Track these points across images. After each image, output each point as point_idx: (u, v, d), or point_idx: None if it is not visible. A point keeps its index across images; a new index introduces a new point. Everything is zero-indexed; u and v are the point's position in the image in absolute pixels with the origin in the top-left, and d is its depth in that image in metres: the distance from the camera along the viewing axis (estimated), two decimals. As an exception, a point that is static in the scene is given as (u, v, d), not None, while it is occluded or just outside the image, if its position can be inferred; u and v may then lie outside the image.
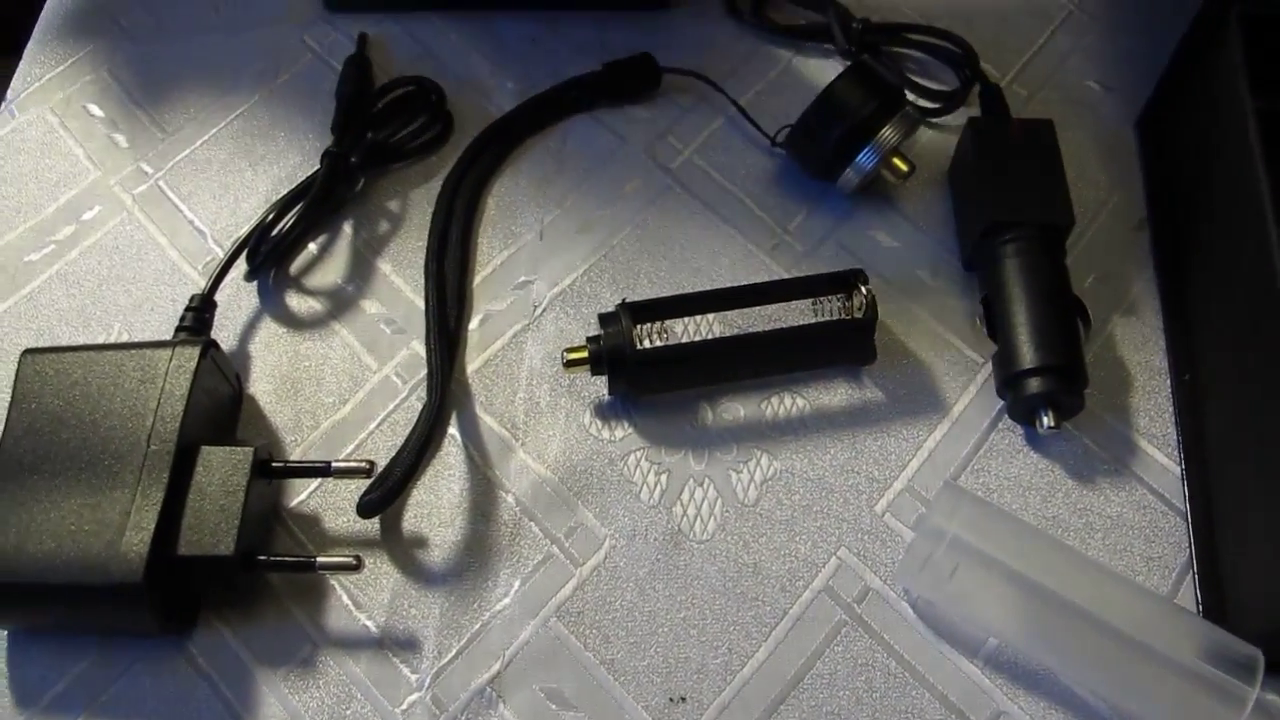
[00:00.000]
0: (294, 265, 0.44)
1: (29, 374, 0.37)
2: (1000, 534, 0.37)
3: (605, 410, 0.41)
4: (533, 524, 0.39)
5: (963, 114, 0.47)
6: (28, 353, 0.38)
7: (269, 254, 0.43)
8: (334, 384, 0.42)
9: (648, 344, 0.39)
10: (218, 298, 0.42)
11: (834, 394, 0.42)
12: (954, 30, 0.49)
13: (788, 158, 0.46)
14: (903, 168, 0.43)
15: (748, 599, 0.38)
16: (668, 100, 0.48)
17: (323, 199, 0.43)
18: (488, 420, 0.41)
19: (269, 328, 0.43)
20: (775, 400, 0.41)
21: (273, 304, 0.43)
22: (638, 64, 0.47)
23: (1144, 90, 0.47)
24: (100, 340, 0.43)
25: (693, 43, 0.49)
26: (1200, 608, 0.38)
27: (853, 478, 0.40)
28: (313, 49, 0.50)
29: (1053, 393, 0.39)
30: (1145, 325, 0.43)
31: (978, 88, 0.47)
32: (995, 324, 0.41)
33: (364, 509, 0.38)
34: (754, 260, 0.44)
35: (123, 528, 0.34)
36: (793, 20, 0.50)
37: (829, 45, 0.49)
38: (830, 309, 0.41)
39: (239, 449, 0.37)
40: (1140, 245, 0.45)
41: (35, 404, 0.37)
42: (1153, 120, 0.47)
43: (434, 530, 0.39)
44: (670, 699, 0.37)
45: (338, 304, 0.43)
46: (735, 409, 0.41)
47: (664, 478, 0.40)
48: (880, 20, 0.49)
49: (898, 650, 0.37)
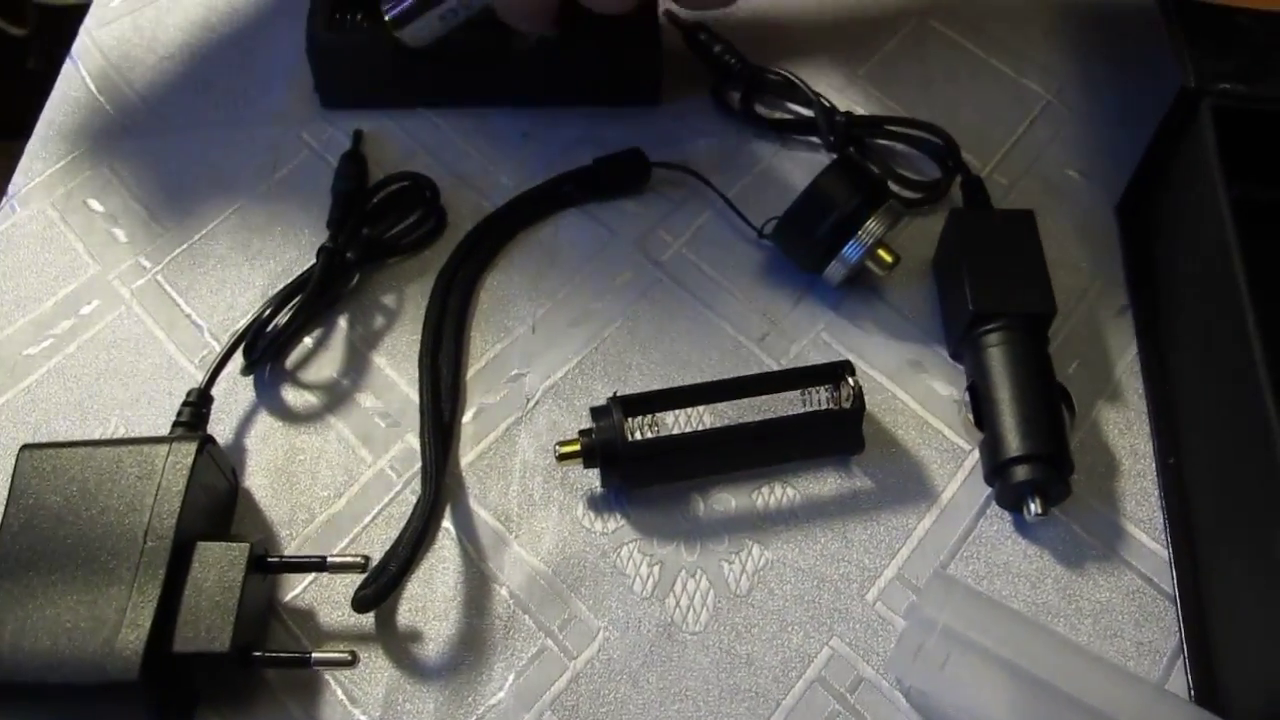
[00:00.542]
0: (290, 359, 0.45)
1: (27, 469, 0.38)
2: (991, 623, 0.37)
3: (598, 502, 0.41)
4: (527, 617, 0.39)
5: (947, 203, 0.49)
6: (26, 448, 0.38)
7: (265, 349, 0.43)
8: (329, 477, 0.42)
9: (639, 437, 0.40)
10: (214, 392, 0.42)
11: (824, 484, 0.42)
12: (935, 121, 0.50)
13: (776, 250, 0.47)
14: (888, 259, 0.44)
15: (741, 691, 0.38)
16: (657, 194, 0.49)
17: (319, 294, 0.44)
18: (482, 513, 0.41)
19: (265, 421, 0.44)
20: (766, 490, 0.42)
21: (269, 398, 0.44)
22: (628, 159, 0.48)
23: (1122, 178, 0.48)
24: (98, 434, 0.43)
25: (682, 137, 0.51)
26: (1192, 693, 0.38)
27: (844, 567, 0.40)
28: (310, 145, 0.51)
29: (1039, 480, 0.40)
30: (1130, 410, 0.44)
31: (959, 178, 0.48)
32: (981, 413, 0.41)
33: (359, 604, 0.38)
34: (743, 351, 0.45)
35: (119, 625, 0.35)
36: (779, 114, 0.51)
37: (815, 139, 0.50)
38: (818, 400, 0.41)
39: (235, 544, 0.37)
40: (1123, 330, 0.46)
41: (33, 500, 0.37)
42: (1132, 207, 0.48)
43: (429, 624, 0.39)
44: (665, 793, 0.37)
45: (333, 397, 0.44)
46: (727, 500, 0.42)
47: (656, 569, 0.40)
48: (863, 114, 0.51)
49: (891, 741, 0.37)
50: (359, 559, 0.38)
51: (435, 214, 0.48)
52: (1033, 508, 0.40)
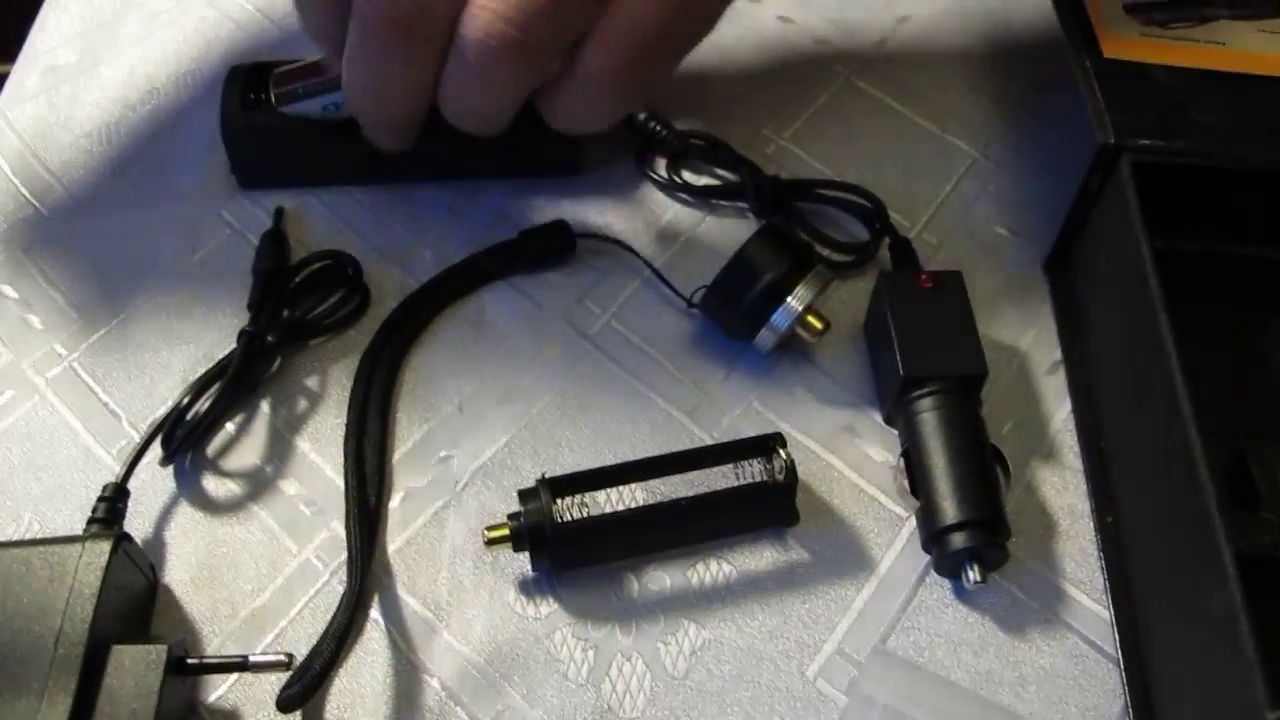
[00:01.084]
0: (211, 447, 0.43)
1: (-70, 575, 0.36)
2: (933, 699, 0.37)
3: (530, 586, 0.40)
4: (459, 709, 0.38)
5: (876, 265, 0.48)
6: (-71, 552, 0.37)
7: (185, 438, 0.42)
8: (253, 570, 0.41)
9: (569, 518, 0.39)
10: (133, 483, 0.41)
11: (760, 558, 0.41)
12: (862, 180, 0.50)
13: (705, 318, 0.46)
14: (817, 325, 0.44)
15: (681, 777, 0.37)
16: (584, 265, 0.49)
17: (239, 380, 0.43)
18: (411, 602, 0.40)
19: (186, 513, 0.42)
20: (701, 567, 0.41)
21: (189, 488, 0.43)
22: (553, 231, 0.48)
23: (1051, 234, 0.48)
24: (10, 531, 0.42)
25: (607, 206, 0.50)
26: (1139, 758, 0.38)
27: (783, 643, 0.40)
28: (230, 224, 0.50)
29: (976, 546, 0.39)
30: (1066, 468, 0.44)
31: (887, 240, 0.48)
32: (916, 479, 0.41)
33: (284, 704, 0.37)
34: (674, 424, 0.44)
35: (29, 739, 0.33)
36: (706, 180, 0.51)
37: (742, 204, 0.50)
38: (752, 473, 0.41)
39: (152, 647, 0.36)
40: (1056, 388, 0.46)
41: (-64, 608, 0.36)
42: (1059, 263, 0.49)
43: (357, 721, 0.38)
44: None
45: (256, 485, 0.43)
46: (661, 578, 0.41)
47: (591, 653, 0.39)
48: (790, 177, 0.50)
49: (836, 824, 0.37)
50: (283, 657, 0.37)
51: (358, 292, 0.47)
52: (971, 575, 0.39)
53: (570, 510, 0.39)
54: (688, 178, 0.51)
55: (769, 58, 0.56)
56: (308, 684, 0.37)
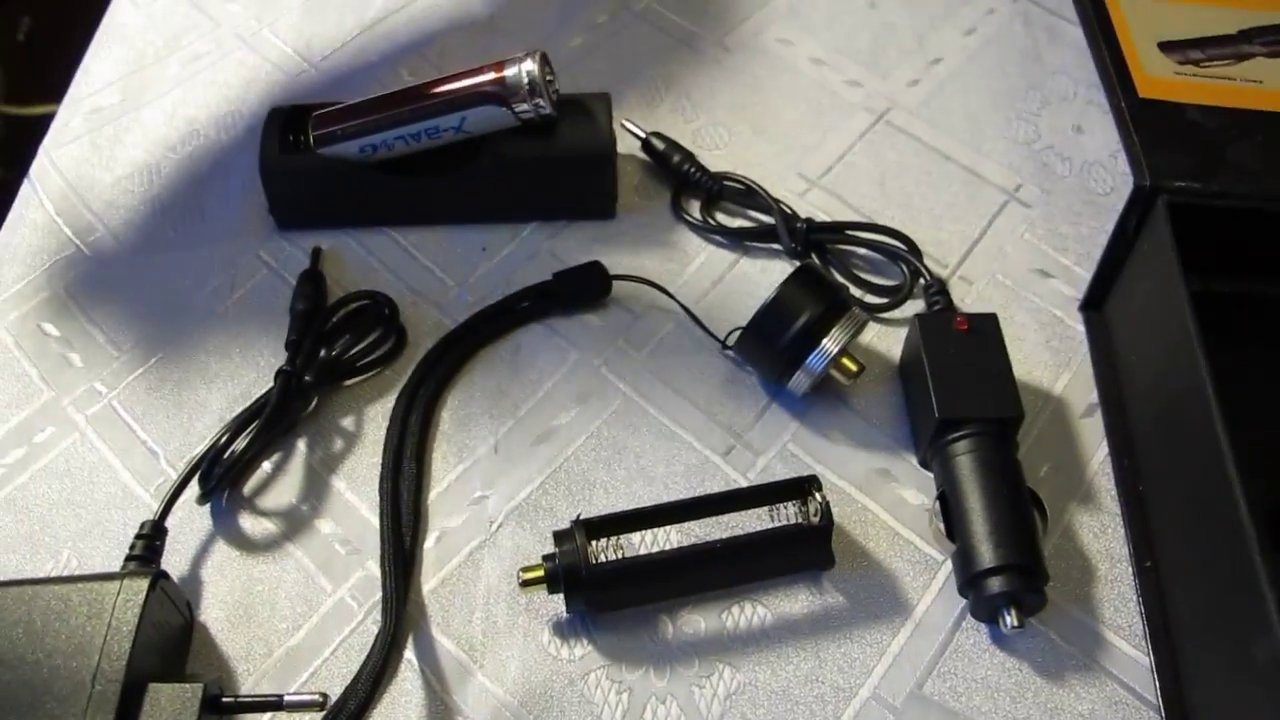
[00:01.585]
0: (248, 486, 0.44)
1: (-30, 612, 0.36)
2: (970, 745, 0.36)
3: (564, 628, 0.40)
4: (493, 751, 0.38)
5: (911, 306, 0.48)
6: (-31, 589, 0.37)
7: (222, 477, 0.42)
8: (288, 609, 0.41)
9: (603, 559, 0.39)
10: (170, 522, 0.41)
11: (795, 601, 0.41)
12: (896, 221, 0.50)
13: (739, 361, 0.46)
14: (852, 368, 0.44)
15: (716, 823, 0.37)
16: (619, 306, 0.49)
17: (276, 419, 0.43)
18: (445, 642, 0.40)
19: (222, 551, 0.42)
20: (736, 610, 0.41)
21: (226, 527, 0.43)
22: (587, 272, 0.48)
23: (1084, 275, 0.48)
24: (49, 567, 0.42)
25: (642, 248, 0.51)
26: (1179, 807, 0.37)
27: (817, 688, 0.39)
28: (268, 264, 0.50)
29: (1014, 591, 0.39)
30: (1103, 512, 0.43)
31: (922, 282, 0.48)
32: (952, 523, 0.41)
33: (317, 745, 0.37)
34: (709, 466, 0.44)
35: (65, 778, 0.33)
36: (740, 222, 0.51)
37: (776, 245, 0.50)
38: (787, 515, 0.40)
39: (188, 685, 0.36)
40: (1093, 430, 0.45)
41: (-24, 645, 0.36)
42: (1096, 304, 0.48)
43: (391, 763, 0.38)
44: None
45: (292, 524, 0.43)
46: (696, 621, 0.41)
47: (625, 696, 0.39)
48: (824, 219, 0.51)
49: None
50: (317, 697, 0.37)
51: (394, 332, 0.47)
52: (1009, 620, 0.39)
53: (605, 552, 0.39)
54: (721, 220, 0.51)
55: (802, 100, 0.57)
56: (342, 724, 0.37)
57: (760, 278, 0.49)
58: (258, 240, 0.51)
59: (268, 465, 0.44)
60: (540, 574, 0.39)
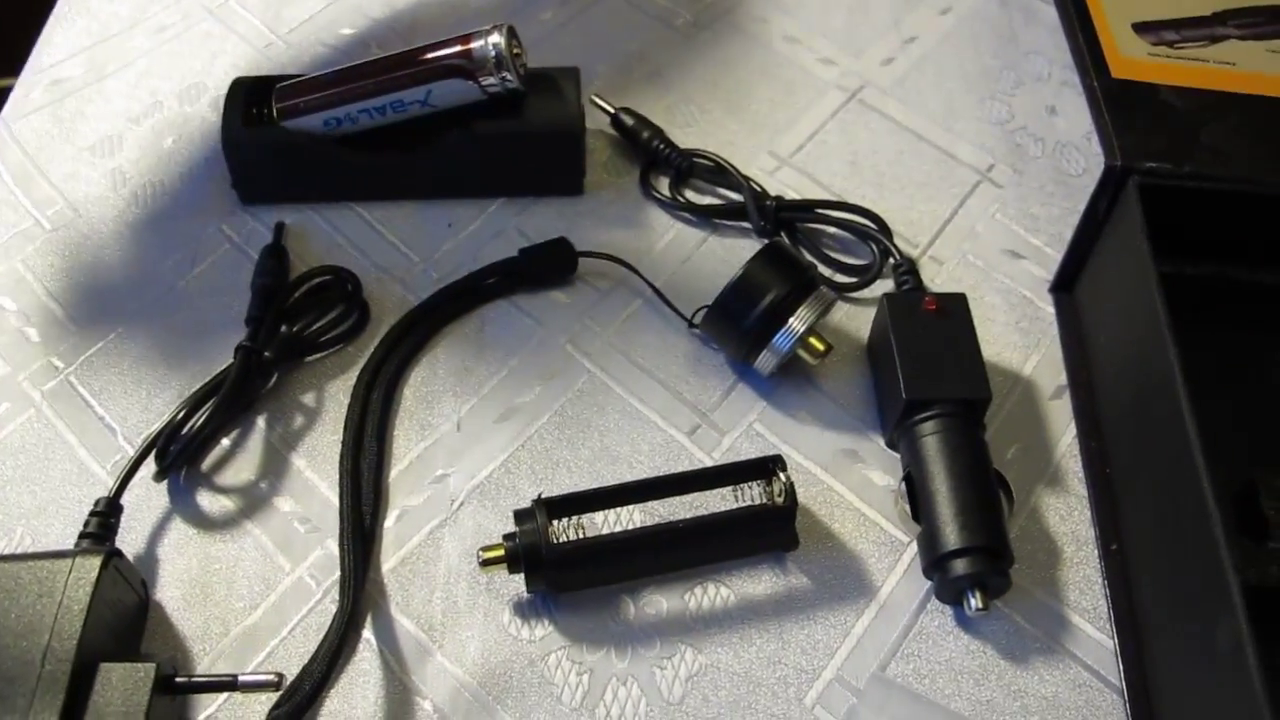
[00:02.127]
0: (206, 463, 0.43)
1: (-81, 590, 0.36)
2: (932, 727, 0.36)
3: (525, 608, 0.40)
4: (451, 732, 0.38)
5: (881, 286, 0.48)
6: (-82, 566, 0.36)
7: (179, 454, 0.42)
8: (245, 588, 0.40)
9: (565, 539, 0.39)
10: (126, 499, 0.41)
11: (758, 582, 0.41)
12: (867, 200, 0.49)
13: (706, 339, 0.46)
14: (819, 347, 0.44)
15: (676, 805, 0.37)
16: (585, 284, 0.48)
17: (235, 396, 0.43)
18: (404, 622, 0.40)
19: (179, 529, 0.42)
20: (699, 591, 0.40)
21: (183, 504, 0.42)
22: (554, 249, 0.48)
23: (1055, 256, 0.48)
24: (1, 545, 0.41)
25: (610, 225, 0.50)
26: (1143, 790, 0.37)
27: (780, 669, 0.39)
28: (230, 238, 0.49)
29: (979, 573, 0.39)
30: (1070, 494, 0.43)
31: (892, 261, 0.48)
32: (918, 504, 0.41)
33: (273, 725, 0.36)
34: (674, 445, 0.44)
35: (13, 758, 0.33)
36: (709, 200, 0.51)
37: (746, 224, 0.50)
38: (751, 495, 0.40)
39: (140, 665, 0.35)
40: (1061, 412, 0.45)
41: (-76, 624, 0.35)
42: (1066, 286, 0.48)
43: (348, 743, 0.37)
44: None
45: (250, 502, 0.42)
46: (658, 602, 0.40)
47: (585, 678, 0.39)
48: (795, 197, 0.50)
49: None
50: (273, 677, 0.36)
51: (357, 308, 0.46)
52: (973, 602, 0.39)
53: (566, 532, 0.39)
54: (691, 197, 0.51)
55: (775, 77, 0.56)
56: (297, 704, 0.37)
57: (729, 256, 0.49)
58: (220, 215, 0.50)
59: (226, 442, 0.44)
60: (500, 553, 0.38)
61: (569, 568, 0.39)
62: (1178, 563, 0.37)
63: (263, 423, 0.44)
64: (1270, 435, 0.43)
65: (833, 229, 0.49)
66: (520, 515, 0.39)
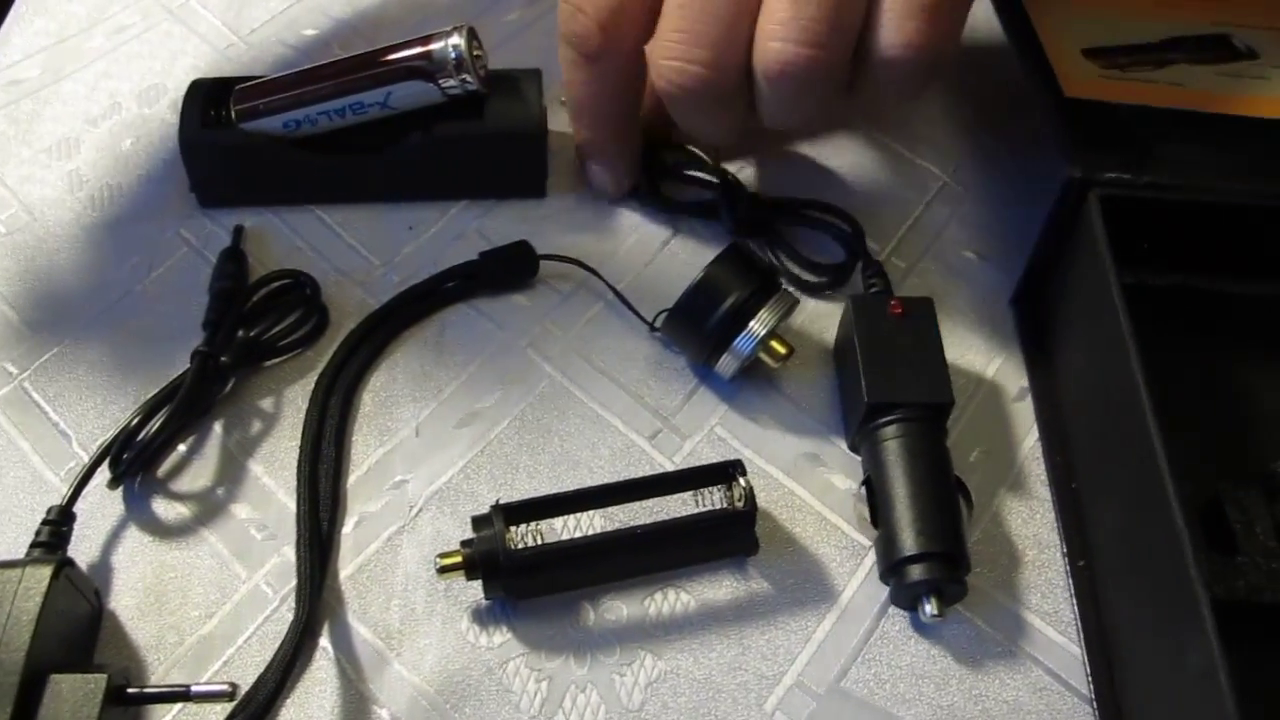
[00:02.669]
0: (161, 469, 0.43)
1: None
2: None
3: (483, 615, 0.40)
4: (408, 741, 0.37)
5: (850, 288, 0.48)
6: None
7: (134, 461, 0.41)
8: (201, 596, 0.40)
9: (524, 545, 0.38)
10: (80, 507, 0.40)
11: (719, 588, 0.40)
12: (831, 201, 0.49)
13: (668, 342, 0.46)
14: (781, 351, 0.43)
15: (635, 813, 0.36)
16: (546, 287, 0.48)
17: (191, 402, 0.42)
18: (361, 630, 0.39)
19: (133, 537, 0.41)
20: (659, 597, 0.40)
21: (138, 512, 0.42)
22: (515, 252, 0.47)
23: (1019, 258, 0.48)
24: (-48, 556, 0.41)
25: (572, 227, 0.50)
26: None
27: (741, 675, 0.39)
28: (189, 242, 0.49)
29: (935, 580, 0.39)
30: (1033, 498, 0.43)
31: (860, 264, 0.47)
32: (876, 509, 0.40)
33: (226, 736, 0.36)
34: (635, 450, 0.43)
35: (-42, 773, 0.32)
36: (679, 196, 0.50)
37: (716, 221, 0.49)
38: (712, 500, 0.40)
39: (90, 676, 0.35)
40: (1023, 415, 0.45)
41: None
42: (1028, 297, 0.48)
43: (303, 753, 0.37)
44: None
45: (206, 509, 0.42)
46: (618, 608, 0.40)
47: (544, 685, 0.38)
48: (768, 196, 0.50)
49: None
50: (226, 687, 0.36)
51: (316, 312, 0.46)
52: (928, 608, 0.39)
53: (525, 538, 0.38)
54: (667, 193, 0.50)
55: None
56: (252, 714, 0.36)
57: (691, 259, 0.49)
58: (178, 218, 0.50)
59: (183, 448, 0.43)
60: (458, 560, 0.38)
61: (527, 574, 0.38)
62: (1146, 578, 0.37)
63: (219, 428, 0.44)
64: (1235, 446, 0.43)
65: (806, 228, 0.49)
66: (478, 521, 0.38)
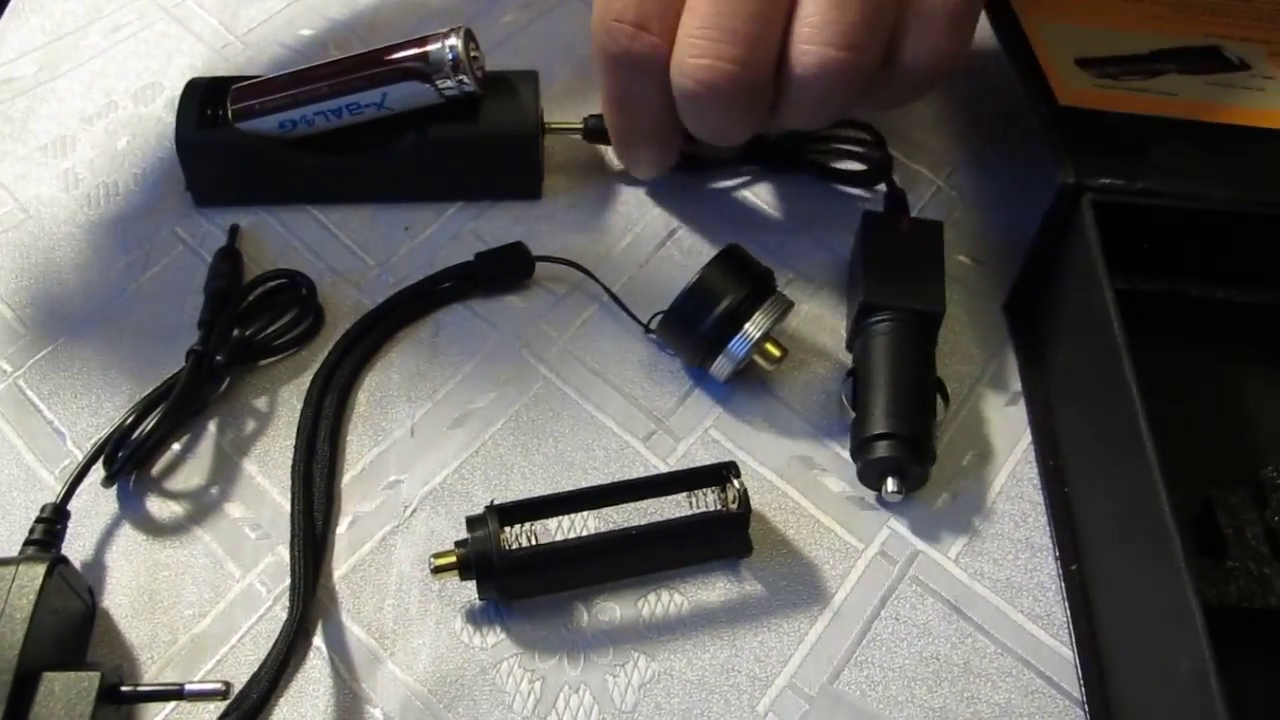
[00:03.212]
0: (156, 468, 0.43)
1: None
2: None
3: (477, 616, 0.40)
4: (401, 740, 0.37)
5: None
6: None
7: (128, 459, 0.41)
8: (194, 595, 0.40)
9: (518, 545, 0.38)
10: (74, 505, 0.40)
11: (712, 589, 0.41)
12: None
13: (663, 344, 0.46)
14: (775, 353, 0.44)
15: (627, 814, 0.36)
16: (542, 288, 0.48)
17: (186, 400, 0.42)
18: (355, 629, 0.39)
19: (127, 535, 0.41)
20: (653, 598, 0.40)
21: (132, 510, 0.42)
22: (510, 253, 0.47)
23: (1013, 262, 0.48)
24: (-55, 554, 0.41)
25: (567, 229, 0.50)
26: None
27: (734, 677, 0.39)
28: (184, 241, 0.49)
29: (898, 459, 0.41)
30: (1025, 501, 0.43)
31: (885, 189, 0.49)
32: (857, 395, 0.43)
33: (219, 735, 0.36)
34: (629, 452, 0.44)
35: (-49, 771, 0.32)
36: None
37: (705, 221, 0.50)
38: (706, 502, 0.40)
39: (84, 674, 0.35)
40: (1016, 419, 0.45)
41: None
42: (1021, 302, 0.48)
43: (296, 753, 0.37)
44: None
45: (200, 508, 0.42)
46: (611, 609, 0.40)
47: (538, 685, 0.38)
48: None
49: None
50: (219, 686, 0.36)
51: (311, 312, 0.46)
52: (889, 486, 0.41)
53: (519, 538, 0.38)
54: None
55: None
56: (245, 713, 0.36)
57: (687, 260, 0.49)
58: (174, 217, 0.50)
59: (177, 447, 0.43)
60: (452, 560, 0.38)
61: (521, 575, 0.38)
62: (1138, 583, 0.37)
63: (214, 427, 0.44)
64: (1226, 451, 0.43)
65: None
66: (472, 522, 0.38)
